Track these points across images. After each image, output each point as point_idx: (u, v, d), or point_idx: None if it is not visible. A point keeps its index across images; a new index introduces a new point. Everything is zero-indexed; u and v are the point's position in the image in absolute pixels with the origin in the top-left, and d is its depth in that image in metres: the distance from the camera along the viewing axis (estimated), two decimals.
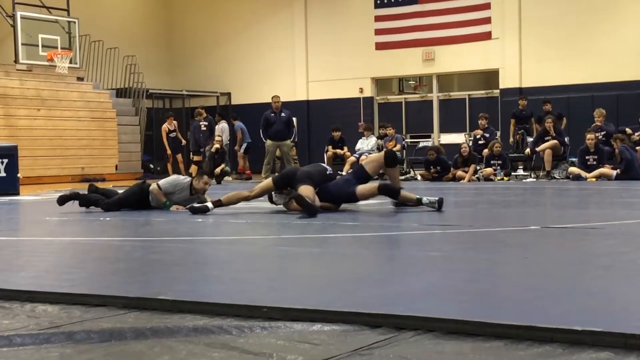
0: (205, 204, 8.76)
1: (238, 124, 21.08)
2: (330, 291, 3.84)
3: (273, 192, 8.80)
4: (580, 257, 4.90)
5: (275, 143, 16.86)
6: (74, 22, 21.11)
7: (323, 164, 9.91)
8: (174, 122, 21.13)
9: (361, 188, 8.48)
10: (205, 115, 19.94)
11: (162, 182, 9.39)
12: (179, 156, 20.87)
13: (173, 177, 9.71)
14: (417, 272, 4.38)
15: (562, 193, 12.37)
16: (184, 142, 20.85)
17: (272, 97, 17.31)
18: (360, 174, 8.74)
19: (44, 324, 3.28)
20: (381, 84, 23.29)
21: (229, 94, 25.08)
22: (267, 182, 8.88)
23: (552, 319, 2.97)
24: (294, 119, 18.53)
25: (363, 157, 18.62)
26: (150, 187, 9.29)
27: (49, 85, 21.22)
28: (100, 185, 10.83)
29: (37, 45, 20.17)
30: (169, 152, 20.75)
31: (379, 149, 18.87)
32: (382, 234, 6.74)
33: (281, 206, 8.71)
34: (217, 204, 8.68)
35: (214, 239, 6.60)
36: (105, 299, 3.66)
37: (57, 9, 21.24)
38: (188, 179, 9.53)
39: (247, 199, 8.88)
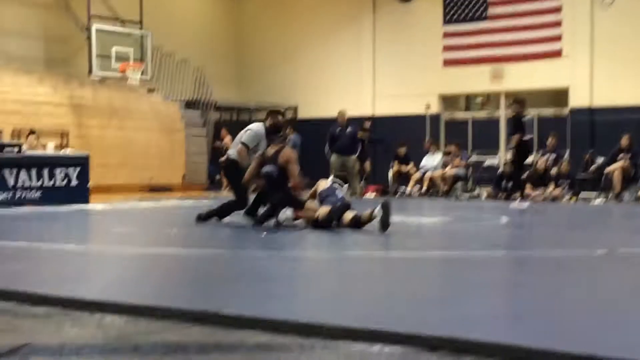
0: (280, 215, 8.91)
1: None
2: (392, 312, 3.84)
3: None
4: None
5: (339, 158, 16.89)
6: (147, 35, 21.56)
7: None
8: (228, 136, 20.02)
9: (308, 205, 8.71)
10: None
11: (244, 138, 9.35)
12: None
13: (251, 131, 9.45)
14: (479, 295, 4.36)
15: (632, 216, 12.09)
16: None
17: (338, 112, 17.38)
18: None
19: (111, 334, 3.37)
20: (447, 100, 23.15)
21: (295, 108, 25.27)
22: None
23: (615, 349, 2.93)
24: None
25: (428, 173, 18.63)
26: (237, 150, 9.29)
27: (120, 96, 21.70)
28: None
29: (110, 57, 20.64)
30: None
31: (445, 165, 18.79)
32: (444, 252, 6.70)
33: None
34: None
35: (278, 253, 6.65)
36: (170, 312, 3.73)
37: (131, 22, 21.72)
38: (261, 125, 9.49)
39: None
